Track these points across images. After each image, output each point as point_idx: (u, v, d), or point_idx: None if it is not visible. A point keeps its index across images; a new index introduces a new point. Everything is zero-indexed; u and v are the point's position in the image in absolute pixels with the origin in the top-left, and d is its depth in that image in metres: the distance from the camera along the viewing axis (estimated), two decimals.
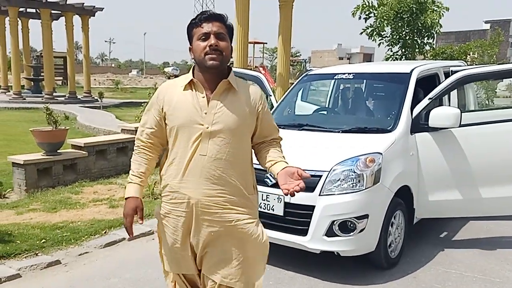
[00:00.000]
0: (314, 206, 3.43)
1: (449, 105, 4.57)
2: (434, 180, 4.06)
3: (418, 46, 10.38)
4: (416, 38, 10.30)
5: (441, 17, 9.90)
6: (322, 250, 3.50)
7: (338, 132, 4.11)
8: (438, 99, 4.28)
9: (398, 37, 10.27)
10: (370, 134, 4.01)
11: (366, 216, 3.44)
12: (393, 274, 3.71)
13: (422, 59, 11.53)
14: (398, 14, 9.86)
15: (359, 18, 10.26)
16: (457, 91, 4.76)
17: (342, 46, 63.01)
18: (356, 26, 11.72)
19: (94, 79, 38.12)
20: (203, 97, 2.04)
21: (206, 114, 2.01)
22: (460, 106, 4.78)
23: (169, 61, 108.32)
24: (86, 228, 4.57)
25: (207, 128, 2.00)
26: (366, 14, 10.29)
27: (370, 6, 10.20)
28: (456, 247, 4.33)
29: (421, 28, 10.00)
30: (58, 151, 6.51)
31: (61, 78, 34.20)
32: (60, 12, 21.35)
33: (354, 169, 3.47)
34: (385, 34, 10.45)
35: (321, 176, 3.47)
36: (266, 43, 39.99)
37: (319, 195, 3.44)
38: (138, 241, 4.42)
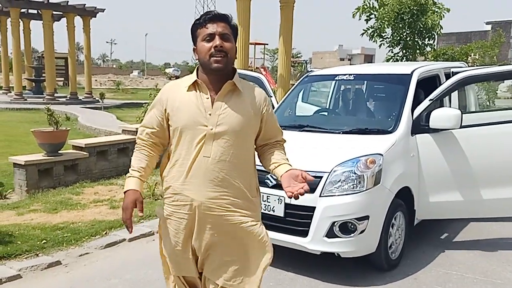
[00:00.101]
0: (314, 207, 3.43)
1: (450, 106, 4.57)
2: (435, 181, 4.06)
3: (419, 47, 10.37)
4: (417, 40, 10.30)
5: (441, 18, 9.90)
6: (322, 251, 3.50)
7: (339, 133, 4.11)
8: (439, 100, 4.27)
9: (399, 38, 10.27)
10: (371, 135, 4.01)
11: (366, 217, 3.44)
12: (393, 275, 3.70)
13: (423, 60, 11.53)
14: (398, 16, 9.86)
15: (359, 19, 10.27)
16: (458, 92, 4.76)
17: (343, 47, 63.02)
18: (357, 27, 11.75)
19: (95, 80, 38.14)
20: (208, 98, 2.01)
21: (210, 115, 1.99)
22: (461, 107, 4.78)
23: (170, 62, 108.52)
24: (87, 229, 4.57)
25: (211, 129, 1.97)
26: (367, 15, 10.29)
27: (371, 7, 10.20)
28: (457, 249, 4.32)
29: (422, 29, 10.00)
30: (59, 152, 6.52)
31: (62, 79, 34.26)
32: (61, 13, 21.38)
33: (354, 170, 3.47)
34: (386, 35, 10.45)
35: (321, 177, 3.47)
36: (267, 44, 40.08)
37: (320, 196, 3.44)
38: (138, 242, 4.43)
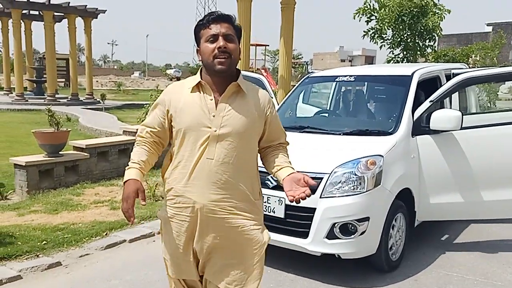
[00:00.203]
0: (315, 209, 3.43)
1: (450, 107, 4.56)
2: (435, 182, 4.06)
3: (419, 49, 10.37)
4: (417, 41, 10.29)
5: (442, 19, 9.89)
6: (323, 252, 3.50)
7: (339, 134, 4.11)
8: (440, 102, 4.27)
9: (399, 39, 10.26)
10: (371, 136, 4.01)
11: (367, 218, 3.44)
12: (394, 277, 3.70)
13: (424, 62, 11.52)
14: (399, 17, 9.86)
15: (359, 20, 10.27)
16: (458, 94, 4.76)
17: (344, 48, 63.01)
18: (358, 29, 11.74)
19: (96, 81, 38.20)
20: (211, 99, 1.99)
21: (214, 117, 1.96)
22: (461, 108, 4.78)
23: (171, 63, 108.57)
24: (87, 229, 4.57)
25: (215, 131, 1.95)
26: (368, 17, 10.29)
27: (372, 9, 10.20)
28: (457, 250, 4.32)
29: (422, 31, 10.00)
30: (60, 153, 6.52)
31: (63, 80, 34.34)
32: (63, 14, 21.43)
33: (355, 171, 3.47)
34: (386, 36, 10.45)
35: (322, 178, 3.47)
36: (268, 45, 40.05)
37: (320, 198, 3.44)
38: (139, 243, 4.43)
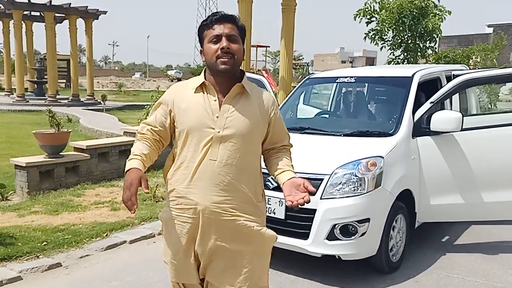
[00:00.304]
0: (315, 210, 3.42)
1: (451, 109, 4.56)
2: (435, 184, 4.05)
3: (420, 50, 10.37)
4: (418, 42, 10.30)
5: (442, 21, 9.89)
6: (323, 253, 3.50)
7: (340, 135, 4.11)
8: (440, 103, 4.27)
9: (400, 41, 10.26)
10: (372, 137, 4.01)
11: (367, 220, 3.44)
12: (394, 278, 3.70)
13: (424, 63, 11.52)
14: (399, 19, 9.86)
15: (360, 22, 10.27)
16: (459, 95, 4.76)
17: (345, 49, 63.04)
18: (358, 30, 11.79)
19: (97, 82, 38.26)
20: (215, 100, 1.98)
21: (217, 118, 1.95)
22: (462, 110, 4.77)
23: (172, 64, 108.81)
24: (88, 230, 4.57)
25: (218, 132, 1.94)
26: (368, 18, 10.29)
27: (372, 10, 10.20)
28: (458, 252, 4.31)
29: (423, 32, 10.00)
30: (61, 154, 6.53)
31: (64, 80, 34.37)
32: (64, 15, 21.47)
33: (355, 172, 3.47)
34: (387, 38, 10.45)
35: (322, 179, 3.47)
36: (269, 47, 40.08)
37: (321, 199, 3.43)
38: (139, 244, 4.43)
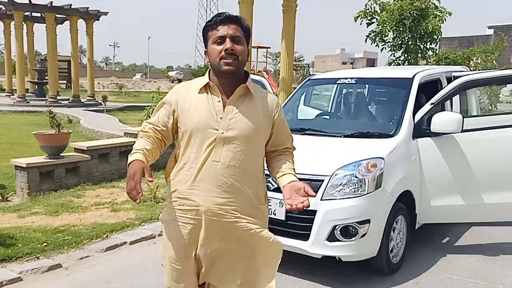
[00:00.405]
0: (315, 211, 3.42)
1: (451, 110, 4.56)
2: (436, 185, 4.05)
3: (420, 51, 10.38)
4: (418, 44, 10.31)
5: (443, 22, 9.90)
6: (323, 255, 3.49)
7: (340, 136, 4.11)
8: (440, 104, 4.27)
9: (400, 42, 10.28)
10: (372, 139, 4.01)
11: (367, 221, 3.43)
12: (394, 279, 3.70)
13: (425, 64, 11.52)
14: (400, 20, 9.87)
15: (360, 23, 10.29)
16: (459, 96, 4.76)
17: (345, 51, 63.14)
18: (359, 31, 11.81)
19: (98, 83, 38.27)
20: (219, 101, 1.97)
21: (221, 119, 1.94)
22: (462, 111, 4.77)
23: (173, 65, 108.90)
24: (88, 231, 4.57)
25: (222, 133, 1.93)
26: (369, 20, 10.30)
27: (373, 11, 10.21)
28: (458, 253, 4.31)
29: (423, 33, 10.01)
30: (61, 155, 6.52)
31: (65, 81, 34.39)
32: (64, 16, 21.49)
33: (356, 173, 3.47)
34: (387, 39, 10.47)
35: (323, 180, 3.47)
36: (270, 48, 40.13)
37: (321, 200, 3.43)
38: (139, 245, 4.43)
